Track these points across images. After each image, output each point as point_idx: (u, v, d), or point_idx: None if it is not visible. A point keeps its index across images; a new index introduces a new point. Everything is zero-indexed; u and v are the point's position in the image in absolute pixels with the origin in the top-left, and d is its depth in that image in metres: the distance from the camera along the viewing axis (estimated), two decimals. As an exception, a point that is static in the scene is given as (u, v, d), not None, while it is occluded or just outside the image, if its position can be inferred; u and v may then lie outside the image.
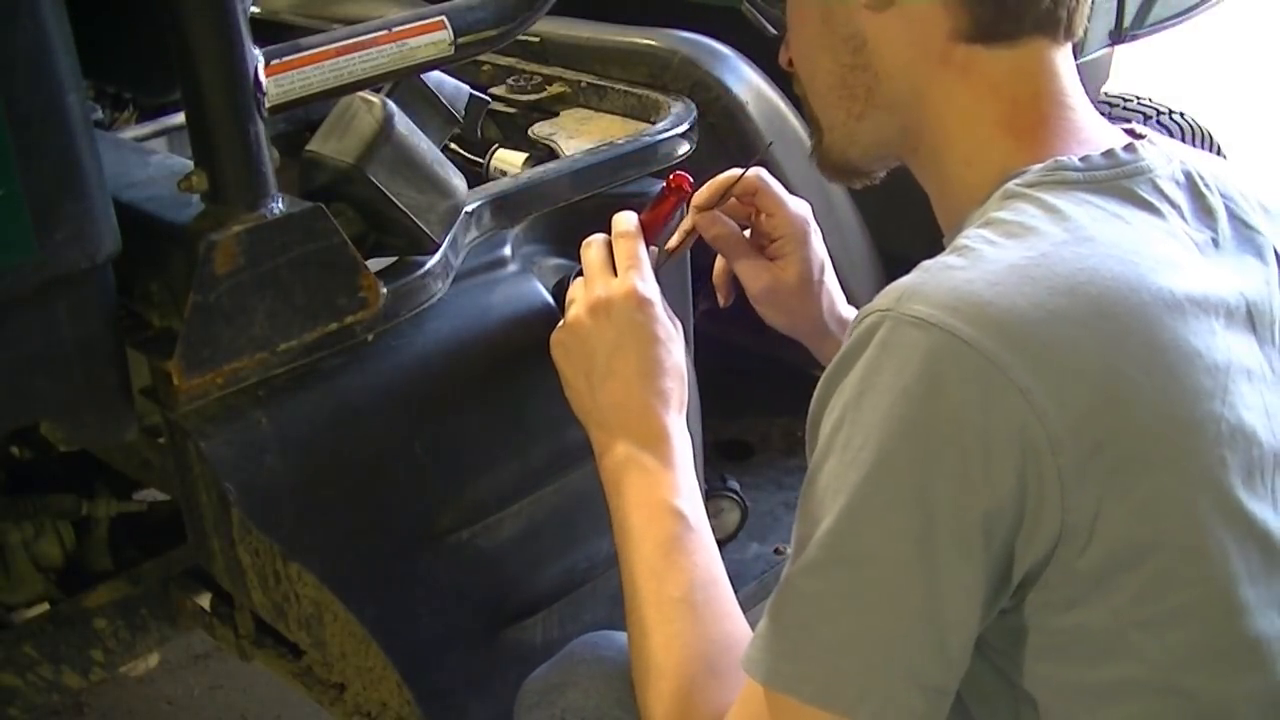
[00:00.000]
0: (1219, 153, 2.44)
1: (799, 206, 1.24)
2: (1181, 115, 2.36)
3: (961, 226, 0.90)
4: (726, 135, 1.48)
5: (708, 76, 1.48)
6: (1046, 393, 0.77)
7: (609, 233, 1.17)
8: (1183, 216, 0.90)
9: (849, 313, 1.27)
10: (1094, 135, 0.93)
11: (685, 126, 1.40)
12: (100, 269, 0.97)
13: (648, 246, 1.15)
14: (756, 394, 2.03)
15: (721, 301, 1.28)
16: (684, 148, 1.38)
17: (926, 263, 0.85)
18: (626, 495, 1.06)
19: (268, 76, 1.00)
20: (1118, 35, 2.03)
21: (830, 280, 1.26)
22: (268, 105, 1.01)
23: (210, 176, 1.00)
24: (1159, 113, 2.32)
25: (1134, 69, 2.87)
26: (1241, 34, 4.86)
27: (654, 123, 1.42)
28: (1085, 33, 2.02)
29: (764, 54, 1.52)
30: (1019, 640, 0.84)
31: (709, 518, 1.07)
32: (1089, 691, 0.84)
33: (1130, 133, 0.96)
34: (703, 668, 0.95)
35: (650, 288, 1.11)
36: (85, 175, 0.92)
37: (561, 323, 1.14)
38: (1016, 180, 0.88)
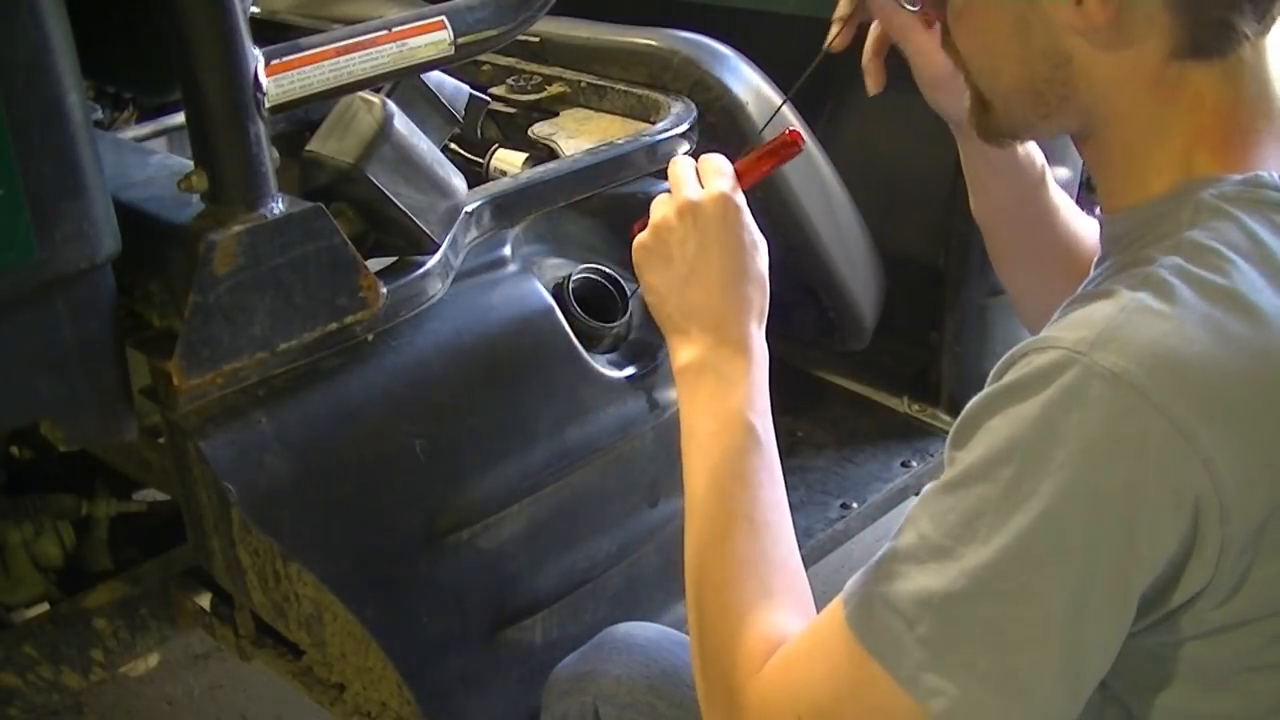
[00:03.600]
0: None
1: None
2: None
3: (1140, 219, 0.86)
4: (726, 135, 1.48)
5: (708, 76, 1.48)
6: (1228, 464, 0.75)
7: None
8: None
9: None
10: None
11: (685, 126, 1.40)
12: (100, 269, 0.97)
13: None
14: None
15: (873, 88, 1.20)
16: (684, 148, 1.38)
17: (1121, 293, 0.80)
18: (698, 401, 1.04)
19: (268, 76, 1.00)
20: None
21: None
22: (268, 105, 1.01)
23: (210, 176, 1.00)
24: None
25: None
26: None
27: (654, 123, 1.42)
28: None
29: (764, 54, 1.53)
30: (1129, 658, 0.84)
31: None
32: (1185, 716, 0.85)
33: None
34: (757, 587, 0.94)
35: (739, 197, 1.09)
36: (85, 175, 0.92)
37: (646, 227, 1.12)
38: (1212, 190, 0.83)
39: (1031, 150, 1.18)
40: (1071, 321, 0.80)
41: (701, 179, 1.11)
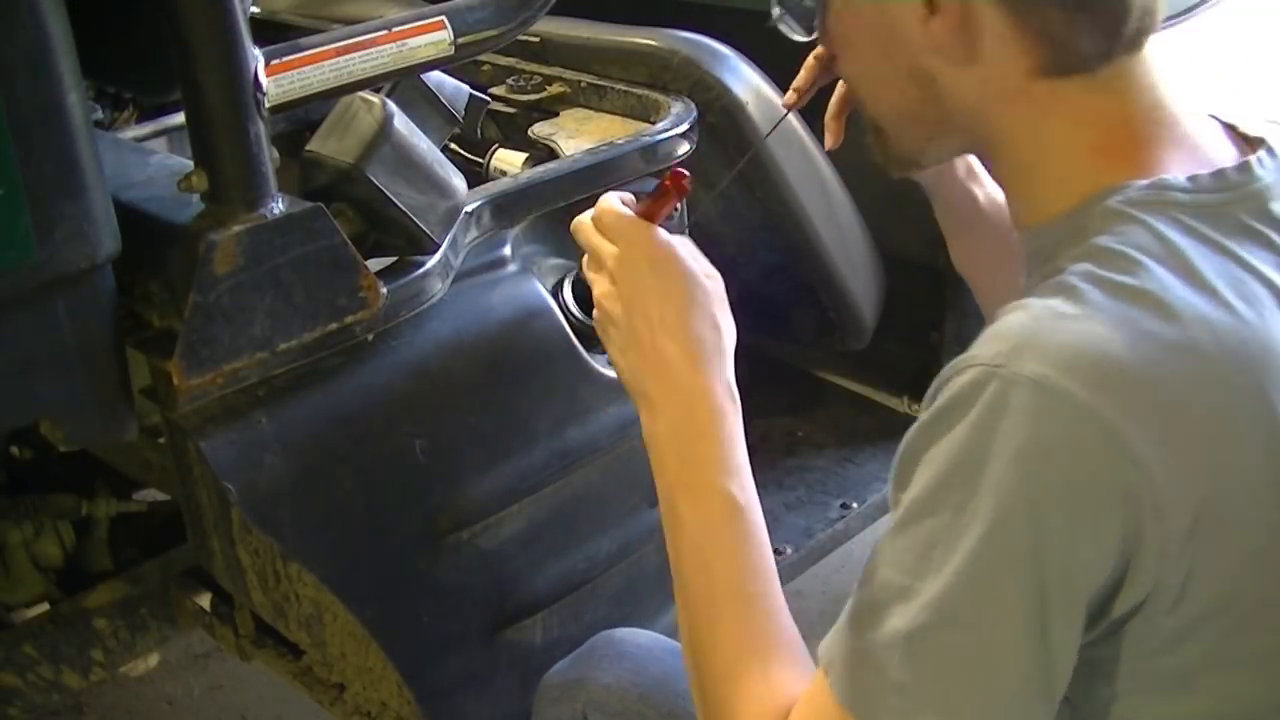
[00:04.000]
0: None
1: None
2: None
3: (1052, 234, 0.86)
4: (726, 135, 1.48)
5: (708, 76, 1.47)
6: (1157, 460, 0.75)
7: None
8: None
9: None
10: (1202, 146, 0.88)
11: (685, 126, 1.40)
12: (100, 269, 0.97)
13: None
14: (756, 394, 2.02)
15: (830, 144, 1.20)
16: (684, 148, 1.38)
17: (1032, 304, 0.80)
18: (669, 474, 0.99)
19: (268, 76, 1.00)
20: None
21: None
22: (268, 105, 1.01)
23: (210, 176, 1.00)
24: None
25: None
26: (1241, 34, 4.86)
27: (654, 123, 1.42)
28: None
29: (764, 54, 1.53)
30: (1091, 670, 0.83)
31: None
32: None
33: (1246, 139, 0.91)
34: (757, 665, 0.92)
35: (658, 235, 1.01)
36: (85, 175, 0.92)
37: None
38: (1118, 197, 0.83)
39: (996, 197, 1.17)
40: (987, 338, 0.80)
41: (608, 234, 1.03)
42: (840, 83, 1.17)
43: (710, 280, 1.02)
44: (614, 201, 1.05)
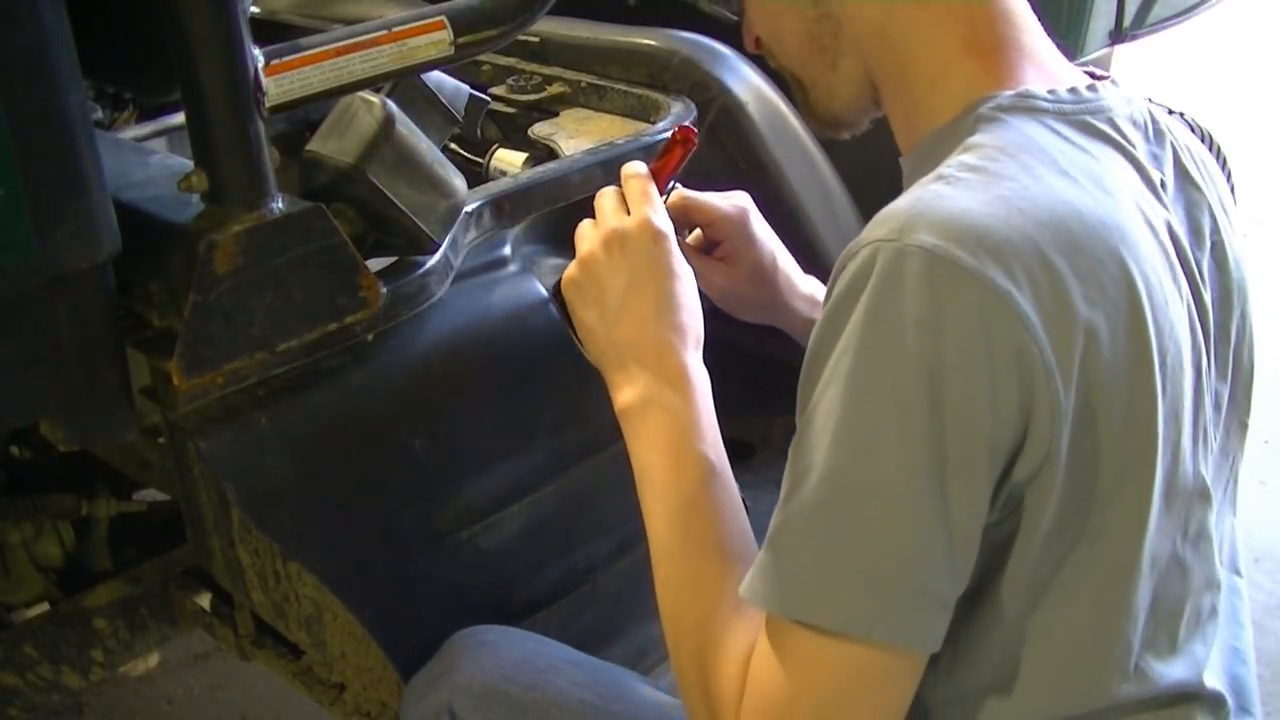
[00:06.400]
0: (1219, 153, 2.43)
1: (733, 203, 1.24)
2: (1181, 115, 2.35)
3: (928, 148, 0.92)
4: (726, 135, 1.48)
5: (707, 76, 1.48)
6: (1041, 322, 0.79)
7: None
8: (1139, 155, 0.94)
9: (807, 285, 1.28)
10: (1054, 66, 0.95)
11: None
12: (100, 269, 0.97)
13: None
14: (756, 394, 2.03)
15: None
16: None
17: (916, 191, 0.85)
18: (647, 438, 1.04)
19: (268, 76, 1.00)
20: (1118, 35, 2.02)
21: (784, 261, 1.27)
22: (268, 105, 1.01)
23: (210, 176, 1.00)
24: (1158, 113, 2.31)
25: (1134, 69, 2.87)
26: (1241, 34, 4.86)
27: (654, 123, 1.42)
28: (1084, 33, 2.01)
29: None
30: (992, 562, 0.86)
31: None
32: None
33: (1091, 74, 0.98)
34: (737, 620, 0.93)
35: (664, 221, 1.10)
36: (85, 175, 0.92)
37: (574, 260, 1.12)
38: (989, 105, 0.90)
39: None
40: (875, 223, 0.84)
41: (628, 204, 1.11)
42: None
43: (689, 270, 1.11)
44: (643, 170, 1.13)
